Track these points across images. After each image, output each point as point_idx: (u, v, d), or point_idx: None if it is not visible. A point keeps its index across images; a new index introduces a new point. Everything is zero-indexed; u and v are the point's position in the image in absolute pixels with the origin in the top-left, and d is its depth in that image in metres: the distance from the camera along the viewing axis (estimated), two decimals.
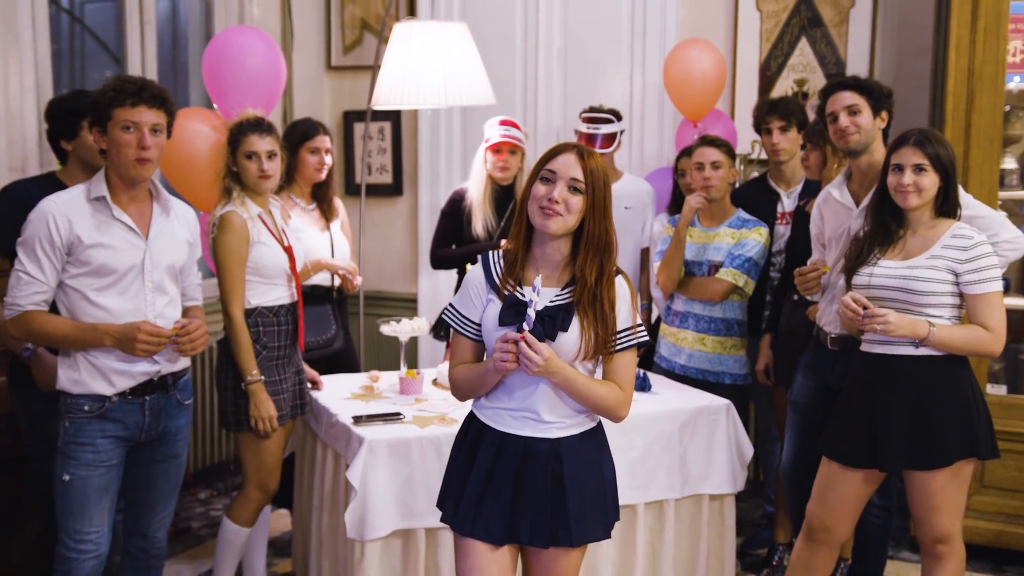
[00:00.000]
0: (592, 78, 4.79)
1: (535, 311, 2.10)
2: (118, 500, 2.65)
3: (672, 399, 3.28)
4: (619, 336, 2.19)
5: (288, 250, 3.11)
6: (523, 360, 2.07)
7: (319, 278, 3.64)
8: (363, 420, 2.94)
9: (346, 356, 3.83)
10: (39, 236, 2.45)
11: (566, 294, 2.18)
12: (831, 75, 4.43)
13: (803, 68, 4.52)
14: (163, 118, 2.54)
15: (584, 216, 2.15)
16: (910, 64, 4.40)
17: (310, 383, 3.32)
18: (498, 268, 2.23)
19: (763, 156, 4.09)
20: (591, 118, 4.09)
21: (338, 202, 3.83)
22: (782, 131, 3.66)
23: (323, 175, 3.65)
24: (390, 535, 2.82)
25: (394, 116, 5.19)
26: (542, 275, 2.18)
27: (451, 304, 2.31)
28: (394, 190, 5.31)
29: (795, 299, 3.40)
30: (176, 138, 2.67)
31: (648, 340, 2.30)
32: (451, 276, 4.32)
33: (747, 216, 3.64)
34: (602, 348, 2.18)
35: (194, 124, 3.49)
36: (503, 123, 3.95)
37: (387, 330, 3.45)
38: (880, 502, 3.14)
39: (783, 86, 4.56)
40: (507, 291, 2.19)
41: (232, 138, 3.04)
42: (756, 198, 3.75)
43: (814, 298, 3.19)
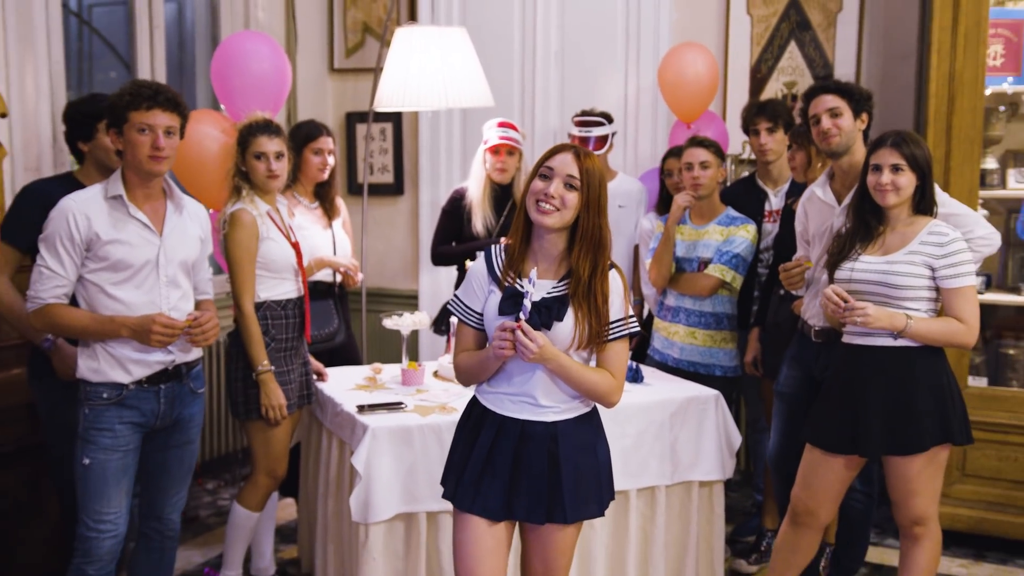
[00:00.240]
0: (588, 81, 4.82)
1: (531, 301, 2.22)
2: (134, 485, 2.74)
3: (663, 390, 3.35)
4: (611, 326, 2.30)
5: (295, 246, 3.18)
6: (519, 347, 2.20)
7: (322, 275, 3.69)
8: (367, 409, 3.01)
9: (348, 350, 3.89)
10: (60, 233, 2.54)
11: (562, 286, 2.30)
12: (819, 78, 4.47)
13: (792, 71, 4.58)
14: (176, 121, 2.63)
15: (579, 213, 2.27)
16: (895, 67, 4.44)
17: (315, 375, 3.40)
18: (499, 261, 2.35)
19: (753, 156, 4.18)
20: (583, 121, 4.15)
21: (340, 201, 3.88)
22: (769, 132, 3.72)
23: (326, 175, 3.70)
24: (393, 518, 2.90)
25: (395, 117, 5.23)
26: (541, 267, 2.30)
27: (455, 295, 2.43)
28: (395, 189, 5.36)
29: (781, 294, 3.45)
30: (186, 139, 2.78)
31: (640, 331, 2.42)
32: (451, 273, 4.37)
33: (735, 214, 3.70)
34: (595, 337, 2.29)
35: (203, 127, 3.55)
36: (501, 125, 4.00)
37: (389, 323, 3.51)
38: (862, 488, 3.22)
39: (773, 88, 4.61)
40: (507, 283, 2.31)
41: (242, 139, 3.11)
42: (744, 197, 3.81)
43: (798, 293, 3.26)
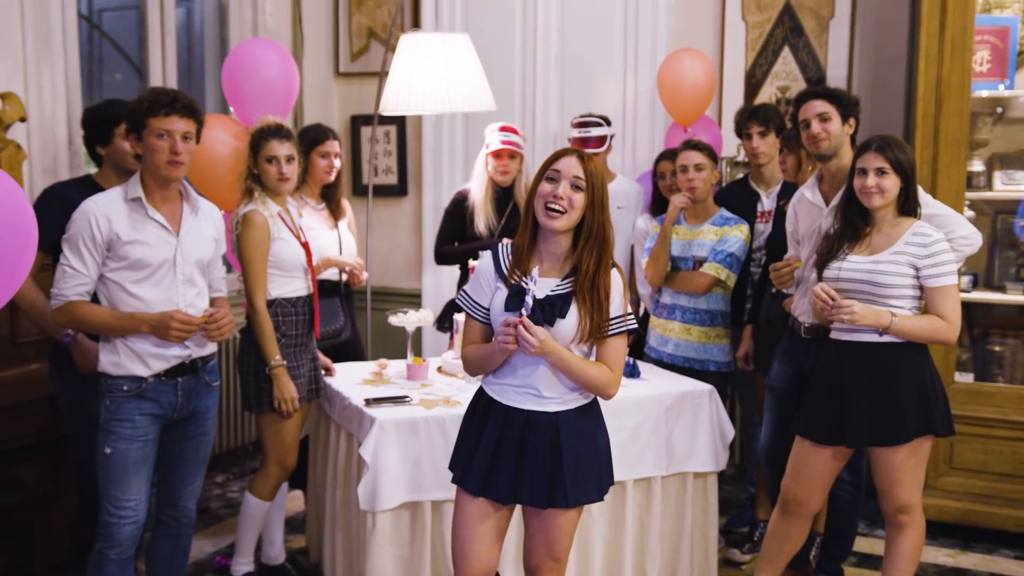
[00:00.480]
0: (587, 85, 4.91)
1: (532, 298, 2.34)
2: (152, 475, 2.85)
3: (659, 384, 3.45)
4: (611, 322, 2.43)
5: (305, 246, 3.29)
6: (521, 341, 2.32)
7: (328, 273, 3.73)
8: (374, 402, 3.11)
9: (353, 346, 3.97)
10: (82, 233, 2.66)
11: (566, 284, 2.42)
12: (812, 82, 4.57)
13: (786, 76, 4.68)
14: (193, 126, 2.73)
15: (585, 212, 2.39)
16: (886, 72, 4.52)
17: (323, 370, 3.50)
18: (506, 259, 2.49)
19: (747, 159, 4.28)
20: (581, 123, 4.26)
21: (345, 202, 3.96)
22: (761, 136, 3.81)
23: (332, 177, 3.78)
24: (399, 507, 3.00)
25: (399, 120, 5.33)
26: (545, 266, 2.44)
27: (464, 290, 2.56)
28: (399, 191, 5.45)
29: (773, 292, 3.55)
30: (199, 144, 2.90)
31: (637, 328, 2.55)
32: (453, 272, 4.45)
33: (729, 214, 3.80)
34: (596, 332, 2.41)
35: (214, 131, 3.63)
36: (503, 129, 4.08)
37: (395, 320, 3.61)
38: (850, 479, 3.32)
39: (768, 92, 4.71)
40: (513, 281, 2.43)
41: (254, 143, 3.21)
42: (737, 198, 3.90)
43: (789, 291, 3.36)
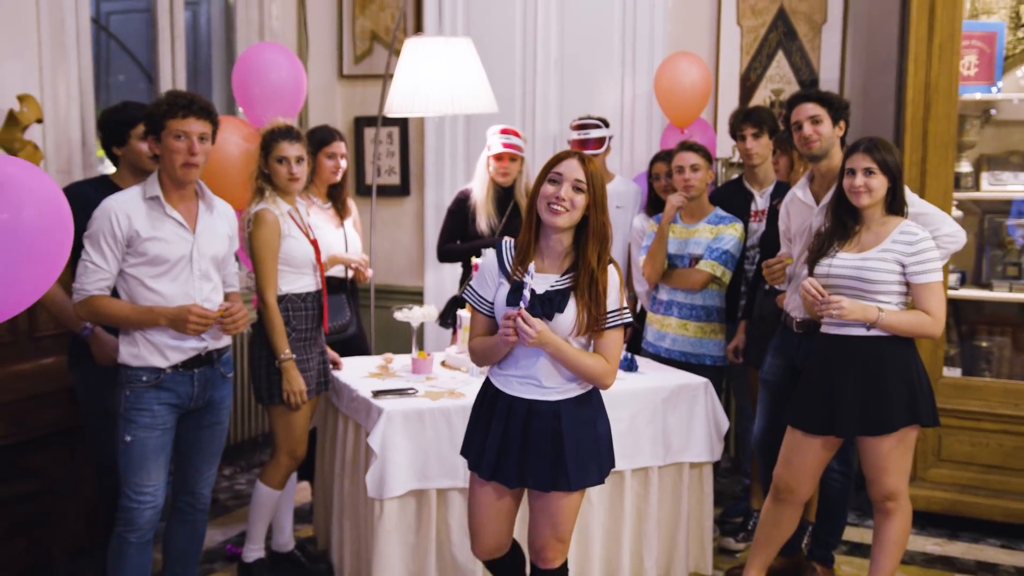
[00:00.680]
0: (586, 87, 5.01)
1: (530, 292, 2.46)
2: (169, 463, 2.95)
3: (656, 378, 3.55)
4: (608, 316, 2.55)
5: (314, 243, 3.39)
6: (520, 333, 2.44)
7: (334, 270, 3.81)
8: (381, 394, 3.22)
9: (358, 341, 4.06)
10: (103, 230, 2.76)
11: (565, 280, 2.54)
12: (805, 85, 4.69)
13: (780, 79, 4.80)
14: (209, 128, 2.85)
15: (587, 212, 2.51)
16: (877, 76, 4.64)
17: (331, 363, 3.60)
18: (509, 256, 2.61)
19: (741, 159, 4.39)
20: (580, 125, 4.36)
21: (351, 202, 4.05)
22: (755, 137, 3.91)
23: (339, 177, 3.87)
24: (405, 495, 3.11)
25: (402, 122, 5.43)
26: (546, 263, 2.56)
27: (470, 285, 2.68)
28: (402, 191, 5.55)
29: (766, 288, 3.65)
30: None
31: (633, 322, 2.67)
32: (455, 270, 4.56)
33: (724, 213, 3.90)
34: (593, 325, 2.53)
35: (224, 132, 3.67)
36: (504, 131, 4.17)
37: (400, 316, 3.70)
38: (840, 468, 3.42)
39: (762, 95, 4.82)
40: (516, 277, 2.55)
41: (265, 144, 3.31)
42: (732, 198, 4.01)
43: (781, 287, 3.46)
